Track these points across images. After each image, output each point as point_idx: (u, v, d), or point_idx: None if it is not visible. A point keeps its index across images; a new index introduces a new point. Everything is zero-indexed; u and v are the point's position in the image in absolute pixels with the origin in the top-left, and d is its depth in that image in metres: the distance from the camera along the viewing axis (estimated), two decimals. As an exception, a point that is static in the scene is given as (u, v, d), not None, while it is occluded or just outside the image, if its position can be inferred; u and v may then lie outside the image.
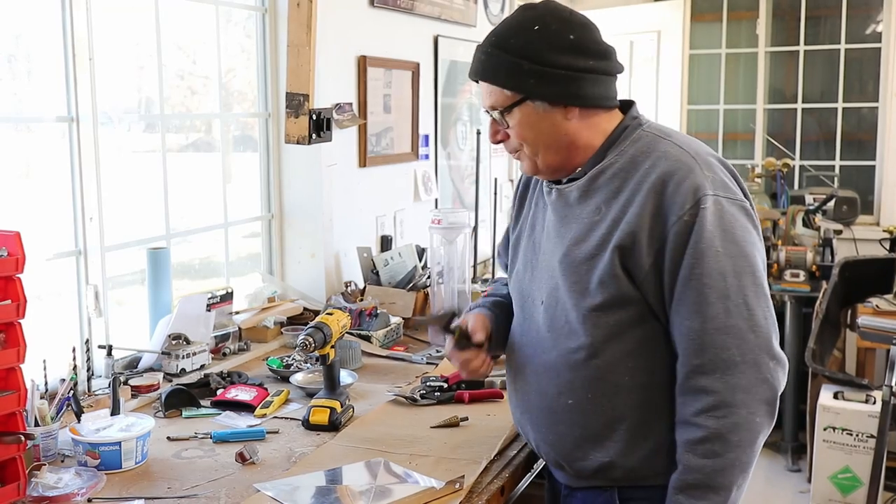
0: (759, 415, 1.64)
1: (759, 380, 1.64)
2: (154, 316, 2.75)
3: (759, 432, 1.65)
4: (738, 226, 1.68)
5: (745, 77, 6.45)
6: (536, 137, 1.79)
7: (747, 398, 1.63)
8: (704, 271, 1.64)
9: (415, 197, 4.13)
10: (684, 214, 1.65)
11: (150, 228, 2.92)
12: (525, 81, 1.74)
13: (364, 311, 3.10)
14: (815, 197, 5.69)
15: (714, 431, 1.63)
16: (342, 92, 3.49)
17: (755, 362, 1.64)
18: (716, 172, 1.72)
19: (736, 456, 1.63)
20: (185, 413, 2.40)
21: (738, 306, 1.64)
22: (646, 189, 1.70)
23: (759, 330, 1.65)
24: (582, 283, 1.74)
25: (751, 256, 1.67)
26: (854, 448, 4.43)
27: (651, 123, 1.85)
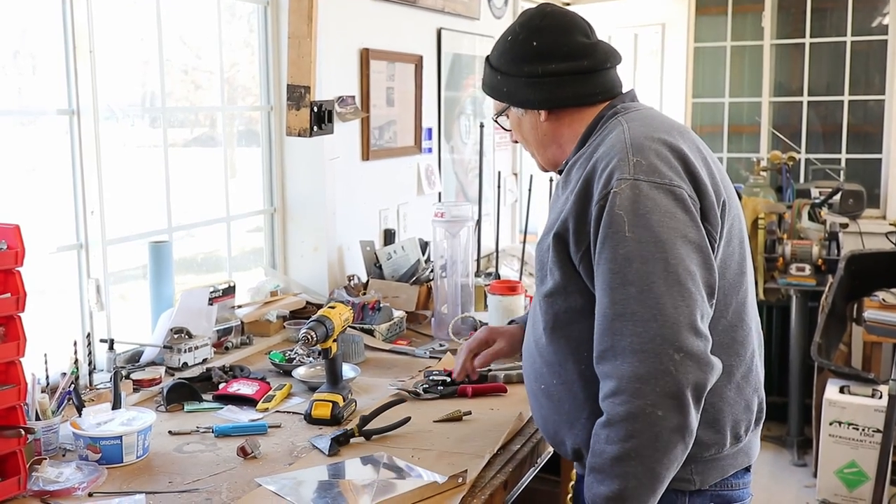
0: (662, 408, 1.55)
1: (660, 371, 1.55)
2: (156, 310, 2.74)
3: (661, 427, 1.55)
4: (655, 210, 1.61)
5: (751, 70, 6.42)
6: (526, 138, 1.96)
7: (645, 388, 1.55)
8: (610, 256, 1.62)
9: (418, 191, 4.11)
10: (600, 200, 1.66)
11: (153, 222, 2.91)
12: (501, 91, 1.93)
13: (367, 305, 3.09)
14: (821, 190, 5.66)
15: (612, 417, 1.59)
16: (345, 85, 3.47)
17: (655, 352, 1.55)
18: (646, 156, 1.67)
19: (633, 447, 1.56)
20: (186, 407, 2.39)
21: (642, 293, 1.58)
22: (582, 178, 1.73)
23: (664, 319, 1.56)
24: (542, 271, 1.82)
25: (665, 242, 1.60)
26: (860, 443, 4.42)
27: (630, 111, 1.84)
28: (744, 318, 1.78)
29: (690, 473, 1.75)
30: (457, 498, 1.83)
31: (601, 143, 1.76)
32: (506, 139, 5.06)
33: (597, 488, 1.61)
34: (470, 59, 4.66)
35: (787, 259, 5.11)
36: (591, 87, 1.86)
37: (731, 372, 1.75)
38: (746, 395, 1.79)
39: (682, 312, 1.57)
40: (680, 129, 1.80)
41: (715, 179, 1.74)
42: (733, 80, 6.43)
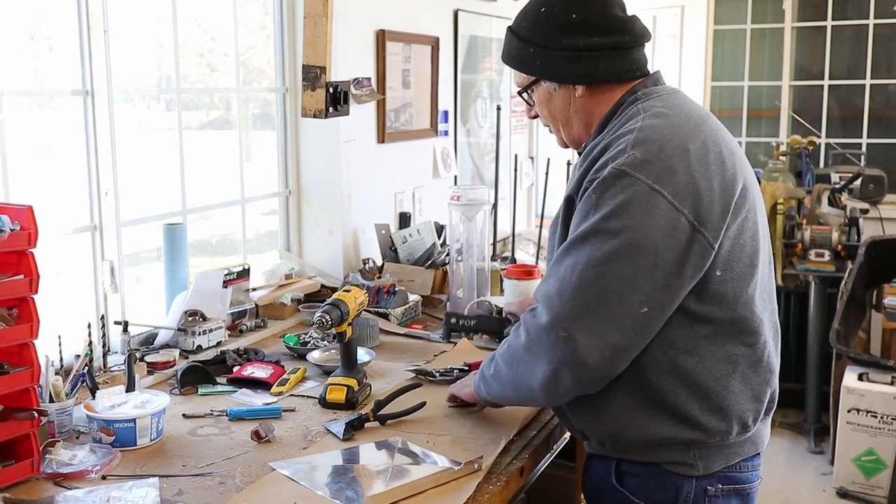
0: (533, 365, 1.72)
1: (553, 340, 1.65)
2: (170, 292, 2.72)
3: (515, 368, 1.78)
4: (628, 206, 1.61)
5: (771, 53, 6.34)
6: (554, 115, 1.91)
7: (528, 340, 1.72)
8: (572, 236, 1.67)
9: (434, 173, 4.09)
10: (587, 183, 1.69)
11: (167, 205, 2.89)
12: (533, 64, 1.86)
13: (382, 289, 3.07)
14: (842, 175, 5.59)
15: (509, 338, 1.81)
16: (360, 66, 3.44)
17: (551, 322, 1.65)
18: (645, 151, 1.64)
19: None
20: (200, 390, 2.37)
21: (574, 269, 1.64)
22: (592, 160, 1.73)
23: (574, 302, 1.63)
24: (553, 254, 1.81)
25: (623, 240, 1.60)
26: (878, 430, 4.39)
27: (651, 97, 1.79)
28: (753, 310, 1.74)
29: (694, 458, 1.75)
30: (472, 484, 1.81)
31: (617, 130, 1.74)
32: (523, 122, 5.03)
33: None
34: (487, 42, 4.62)
35: (805, 245, 5.05)
36: (629, 63, 1.83)
37: (735, 362, 1.73)
38: (754, 385, 1.76)
39: (592, 308, 1.62)
40: (697, 120, 1.74)
41: (727, 175, 1.69)
42: (753, 63, 6.36)
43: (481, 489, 1.82)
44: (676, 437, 1.73)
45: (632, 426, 1.74)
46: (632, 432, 1.75)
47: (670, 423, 1.72)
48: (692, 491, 1.77)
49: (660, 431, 1.73)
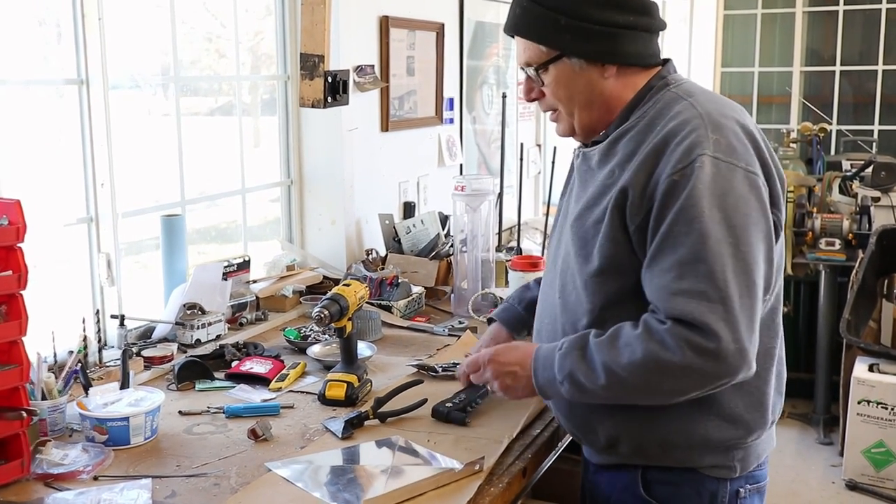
0: (679, 382, 1.56)
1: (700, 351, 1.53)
2: (168, 285, 2.68)
3: (658, 393, 1.59)
4: (732, 193, 1.56)
5: (782, 38, 6.26)
6: (572, 96, 1.74)
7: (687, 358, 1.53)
8: (684, 230, 1.54)
9: (439, 162, 4.03)
10: (675, 173, 1.56)
11: (166, 195, 2.84)
12: (561, 37, 1.68)
13: (385, 281, 3.02)
14: (853, 163, 5.52)
15: (637, 341, 1.57)
16: (363, 53, 3.38)
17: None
18: (725, 135, 1.60)
19: (628, 384, 1.59)
20: (198, 386, 2.33)
21: (713, 273, 1.52)
22: (647, 150, 1.62)
23: (729, 307, 1.52)
24: (587, 248, 1.69)
25: (738, 228, 1.54)
26: (889, 422, 4.34)
27: (681, 83, 1.75)
28: (780, 300, 1.74)
29: (732, 459, 1.72)
30: (474, 486, 1.76)
31: (661, 115, 1.65)
32: (530, 109, 4.96)
33: (564, 368, 1.65)
34: (493, 28, 4.54)
35: (816, 233, 4.98)
36: (653, 47, 1.75)
37: (772, 354, 1.72)
38: (782, 376, 1.77)
39: (745, 306, 1.53)
40: (740, 108, 1.74)
41: (775, 161, 1.69)
42: (763, 48, 6.28)
43: (482, 491, 1.77)
44: (721, 437, 1.68)
45: (680, 429, 1.68)
46: (678, 436, 1.69)
47: (716, 422, 1.67)
48: (727, 494, 1.73)
49: (705, 432, 1.68)
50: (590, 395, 1.65)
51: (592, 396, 1.65)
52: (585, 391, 1.64)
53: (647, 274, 1.61)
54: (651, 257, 1.59)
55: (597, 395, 1.64)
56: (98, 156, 2.48)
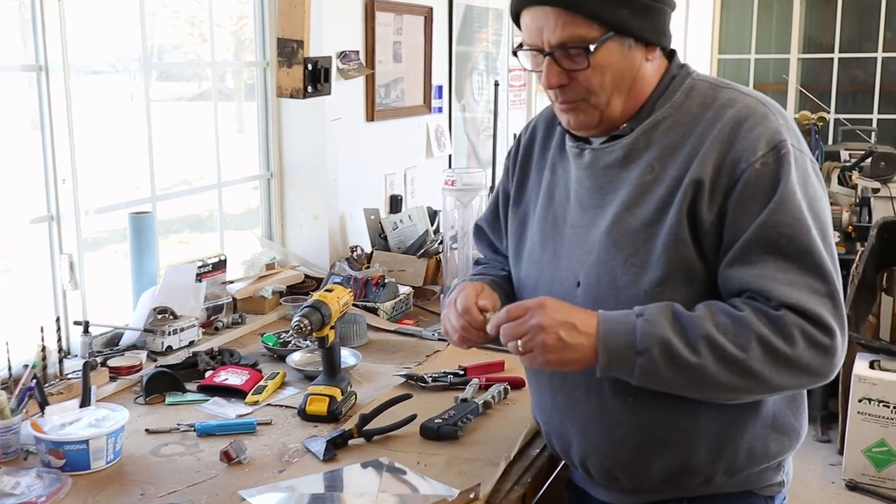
0: (791, 374, 1.41)
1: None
2: (137, 288, 2.49)
3: (769, 383, 1.40)
4: (811, 183, 1.47)
5: (779, 24, 6.10)
6: (614, 82, 1.50)
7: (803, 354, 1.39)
8: (786, 221, 1.41)
9: (427, 153, 3.85)
10: (756, 161, 1.42)
11: (135, 190, 2.66)
12: (619, 12, 1.44)
13: (370, 281, 2.84)
14: (852, 153, 5.38)
15: (746, 321, 1.39)
16: (347, 39, 3.19)
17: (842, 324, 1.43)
18: (789, 122, 1.51)
19: (726, 361, 1.39)
20: (168, 399, 2.15)
21: (817, 266, 1.41)
22: (711, 139, 1.46)
23: (837, 299, 1.42)
24: (640, 255, 1.48)
25: (822, 220, 1.46)
26: (891, 421, 4.24)
27: (699, 72, 1.60)
28: None
29: (783, 473, 1.63)
30: (469, 517, 1.60)
31: (707, 104, 1.50)
32: (521, 97, 4.78)
33: (660, 333, 1.41)
34: (483, 12, 4.36)
35: (815, 226, 4.84)
36: (671, 30, 1.58)
37: None
38: None
39: (843, 303, 1.44)
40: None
41: None
42: (760, 35, 6.11)
43: (478, 523, 1.60)
44: (777, 450, 1.57)
45: (746, 449, 1.54)
46: (745, 458, 1.55)
47: (773, 435, 1.55)
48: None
49: (765, 448, 1.56)
50: (669, 378, 1.42)
51: (671, 380, 1.42)
52: (673, 368, 1.40)
53: (739, 268, 1.44)
54: (743, 249, 1.43)
55: (680, 375, 1.41)
56: (59, 149, 2.29)
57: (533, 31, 1.49)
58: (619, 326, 1.43)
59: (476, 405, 2.05)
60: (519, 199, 1.77)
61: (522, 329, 1.46)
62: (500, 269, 1.87)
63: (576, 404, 1.61)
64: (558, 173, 1.67)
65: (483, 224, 1.94)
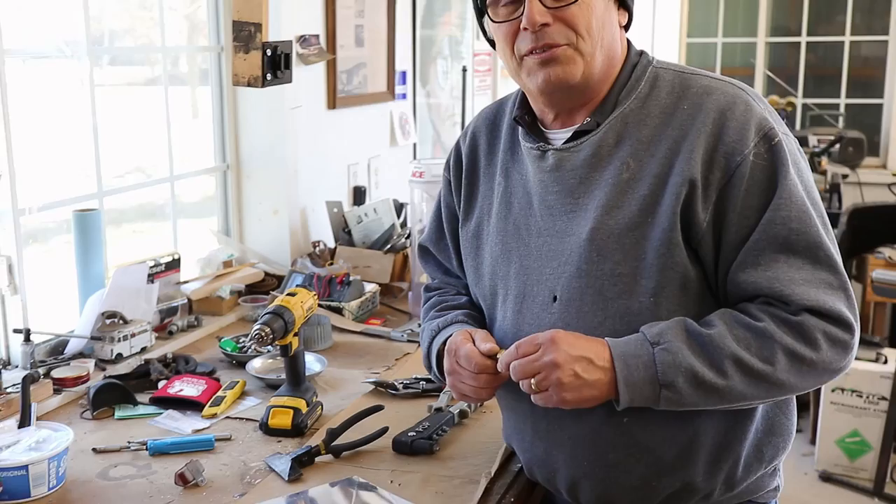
0: (810, 376, 1.35)
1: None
2: (84, 291, 2.31)
3: (786, 382, 1.33)
4: (801, 167, 1.39)
5: (746, 7, 6.00)
6: (599, 30, 1.40)
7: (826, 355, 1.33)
8: (794, 216, 1.32)
9: (391, 141, 3.69)
10: (750, 153, 1.33)
11: (81, 184, 2.47)
12: None
13: (335, 279, 2.68)
14: (820, 138, 5.32)
15: (768, 332, 1.31)
16: (307, 23, 3.02)
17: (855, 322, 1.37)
18: (768, 105, 1.43)
19: (754, 377, 1.32)
20: (118, 413, 1.98)
21: (828, 258, 1.34)
22: (695, 132, 1.35)
23: (849, 290, 1.36)
24: (629, 262, 1.37)
25: (820, 203, 1.39)
26: (864, 410, 4.20)
27: (658, 59, 1.50)
28: None
29: (778, 477, 1.57)
30: (449, 546, 1.46)
31: (680, 94, 1.40)
32: (486, 82, 4.64)
33: (685, 360, 1.31)
34: (447, -6, 4.20)
35: (785, 213, 4.78)
36: None
37: None
38: None
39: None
40: None
41: None
42: (727, 18, 6.02)
43: (460, 553, 1.47)
44: (773, 454, 1.49)
45: (741, 458, 1.46)
46: (741, 469, 1.47)
47: (768, 439, 1.48)
48: None
49: (759, 454, 1.47)
50: (694, 402, 1.34)
51: (696, 402, 1.34)
52: (699, 393, 1.33)
53: (751, 271, 1.34)
54: (753, 251, 1.34)
55: (707, 398, 1.33)
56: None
57: None
58: (635, 360, 1.33)
59: (451, 415, 1.92)
60: (469, 211, 1.63)
61: (535, 367, 1.35)
62: (457, 293, 1.73)
63: (562, 430, 1.48)
64: (513, 178, 1.54)
65: (428, 244, 1.78)
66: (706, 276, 1.39)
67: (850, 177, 5.26)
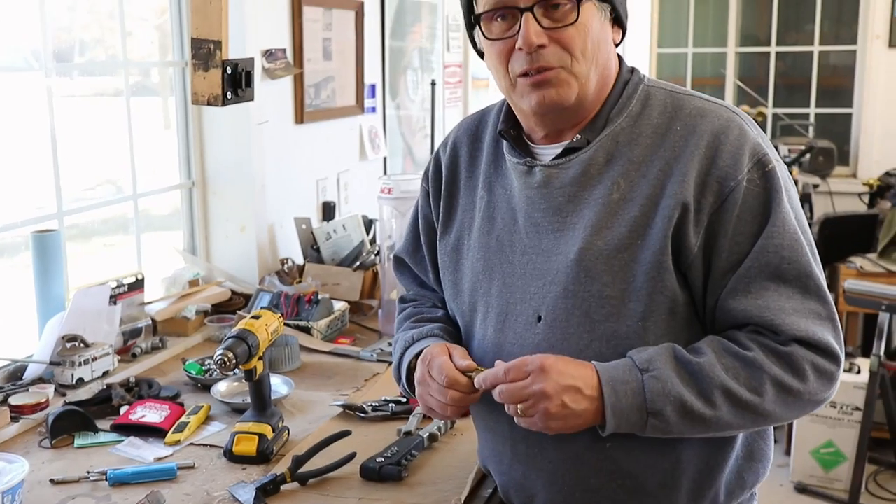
0: (794, 407, 1.33)
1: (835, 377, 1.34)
2: (43, 314, 2.25)
3: (770, 414, 1.31)
4: (792, 194, 1.37)
5: (715, 18, 6.02)
6: (594, 51, 1.36)
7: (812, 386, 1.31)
8: (787, 244, 1.31)
9: (361, 156, 3.64)
10: (743, 178, 1.31)
11: (40, 203, 2.41)
12: None
13: (303, 297, 2.63)
14: (791, 148, 5.33)
15: (758, 363, 1.29)
16: (273, 36, 2.98)
17: (840, 345, 1.36)
18: (761, 131, 1.41)
19: (741, 408, 1.30)
20: (77, 441, 1.93)
21: (818, 288, 1.32)
22: (688, 154, 1.33)
23: (836, 320, 1.35)
24: (618, 284, 1.34)
25: (808, 230, 1.37)
26: (838, 421, 4.20)
27: (650, 77, 1.48)
28: None
29: (756, 500, 1.56)
30: (418, 578, 1.42)
31: (673, 114, 1.37)
32: (457, 94, 4.61)
33: (671, 388, 1.29)
34: (416, 6, 4.17)
35: (757, 223, 4.78)
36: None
37: None
38: None
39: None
40: None
41: None
42: (697, 29, 6.03)
43: (430, 586, 1.43)
44: (753, 480, 1.48)
45: (723, 485, 1.44)
46: (722, 496, 1.44)
47: (748, 465, 1.46)
48: None
49: (740, 480, 1.46)
50: (681, 430, 1.32)
51: (682, 431, 1.32)
52: (686, 422, 1.30)
53: (741, 299, 1.32)
54: (744, 278, 1.32)
55: (693, 427, 1.31)
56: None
57: None
58: (624, 387, 1.30)
59: (421, 439, 1.87)
60: (448, 224, 1.58)
61: (524, 394, 1.31)
62: (432, 305, 1.68)
63: (543, 453, 1.44)
64: (496, 192, 1.50)
65: (404, 255, 1.74)
66: (694, 301, 1.36)
67: (820, 186, 5.27)
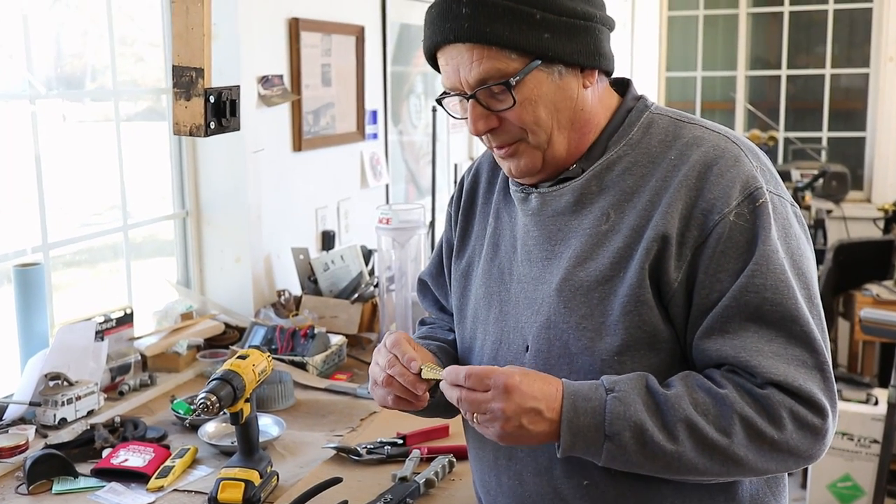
0: (774, 460, 1.22)
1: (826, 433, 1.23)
2: (26, 351, 2.16)
3: (750, 466, 1.21)
4: (792, 234, 1.28)
5: (725, 41, 5.94)
6: (551, 116, 1.31)
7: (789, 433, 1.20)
8: (771, 284, 1.21)
9: (362, 183, 3.56)
10: (730, 212, 1.24)
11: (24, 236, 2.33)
12: (538, 36, 1.26)
13: (298, 331, 2.54)
14: (803, 172, 5.23)
15: (728, 401, 1.20)
16: (269, 62, 2.90)
17: (831, 399, 1.24)
18: (764, 162, 1.33)
19: (707, 447, 1.20)
20: (56, 486, 1.83)
21: (804, 334, 1.22)
22: (676, 185, 1.27)
23: (827, 371, 1.23)
24: (595, 318, 1.28)
25: (806, 276, 1.26)
26: (855, 454, 4.06)
27: (658, 105, 1.40)
28: None
29: None
30: None
31: (669, 143, 1.31)
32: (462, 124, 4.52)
33: (635, 415, 1.21)
34: (419, 30, 4.09)
35: (769, 250, 4.68)
36: (610, 50, 1.37)
37: None
38: None
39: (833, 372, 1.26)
40: None
41: None
42: (706, 52, 5.95)
43: None
44: None
45: None
46: None
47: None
48: None
49: None
50: (640, 463, 1.23)
51: (642, 465, 1.23)
52: (646, 454, 1.21)
53: (717, 339, 1.24)
54: (721, 317, 1.24)
55: (654, 462, 1.22)
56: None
57: (450, 73, 1.32)
58: (585, 404, 1.22)
59: (417, 485, 1.78)
60: (462, 249, 1.55)
61: (482, 408, 1.24)
62: (448, 328, 1.64)
63: (523, 486, 1.37)
64: (503, 220, 1.46)
65: (427, 278, 1.71)
66: (678, 337, 1.28)
67: (834, 211, 5.17)
